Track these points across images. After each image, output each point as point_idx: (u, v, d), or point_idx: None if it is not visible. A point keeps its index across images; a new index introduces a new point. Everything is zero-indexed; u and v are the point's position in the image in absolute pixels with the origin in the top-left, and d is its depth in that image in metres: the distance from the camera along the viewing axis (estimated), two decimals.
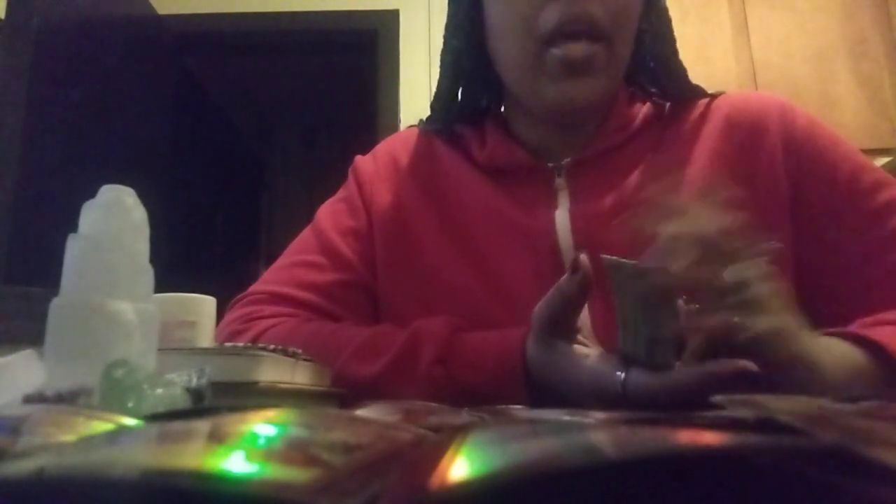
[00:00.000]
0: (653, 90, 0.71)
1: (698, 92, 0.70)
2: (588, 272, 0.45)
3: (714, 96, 0.70)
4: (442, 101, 0.74)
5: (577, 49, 0.60)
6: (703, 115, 0.68)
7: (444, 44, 0.73)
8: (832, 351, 0.48)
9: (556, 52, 0.60)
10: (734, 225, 0.41)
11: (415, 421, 0.28)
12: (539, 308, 0.49)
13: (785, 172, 0.63)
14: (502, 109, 0.75)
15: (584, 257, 0.45)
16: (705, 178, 0.63)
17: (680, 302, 0.43)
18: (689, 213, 0.42)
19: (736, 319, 0.40)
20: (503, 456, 0.15)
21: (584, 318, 0.59)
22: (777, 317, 0.43)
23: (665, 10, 0.70)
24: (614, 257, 0.44)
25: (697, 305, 0.42)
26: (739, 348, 0.40)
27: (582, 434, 0.16)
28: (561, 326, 0.49)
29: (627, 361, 0.45)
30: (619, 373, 0.45)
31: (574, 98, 0.62)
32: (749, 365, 0.39)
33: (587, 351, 0.49)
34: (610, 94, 0.66)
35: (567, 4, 0.59)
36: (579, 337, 0.50)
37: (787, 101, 0.68)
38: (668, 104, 0.70)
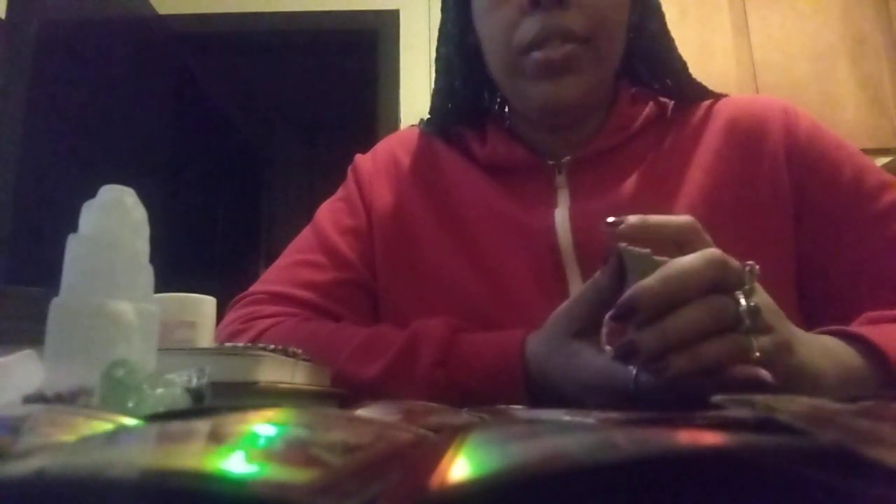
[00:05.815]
0: (655, 87, 0.71)
1: (701, 91, 0.70)
2: (619, 262, 0.43)
3: (717, 98, 0.70)
4: (439, 105, 0.75)
5: (555, 50, 0.60)
6: (706, 117, 0.68)
7: (437, 50, 0.74)
8: (829, 353, 0.47)
9: (535, 55, 0.61)
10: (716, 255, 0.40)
11: (415, 421, 0.28)
12: (565, 306, 0.48)
13: (788, 175, 0.63)
14: (506, 110, 0.75)
15: (620, 245, 0.43)
16: (707, 179, 0.63)
17: None
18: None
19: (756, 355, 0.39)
20: (503, 456, 0.15)
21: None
22: (777, 332, 0.42)
23: (658, 7, 0.70)
24: (634, 248, 0.42)
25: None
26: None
27: (582, 434, 0.16)
28: (586, 325, 0.46)
29: None
30: (631, 368, 0.43)
31: (557, 98, 0.63)
32: (765, 375, 0.39)
33: (597, 351, 0.46)
34: (597, 93, 0.66)
35: (543, 18, 0.60)
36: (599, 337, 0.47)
37: (790, 104, 0.68)
38: (671, 105, 0.70)
